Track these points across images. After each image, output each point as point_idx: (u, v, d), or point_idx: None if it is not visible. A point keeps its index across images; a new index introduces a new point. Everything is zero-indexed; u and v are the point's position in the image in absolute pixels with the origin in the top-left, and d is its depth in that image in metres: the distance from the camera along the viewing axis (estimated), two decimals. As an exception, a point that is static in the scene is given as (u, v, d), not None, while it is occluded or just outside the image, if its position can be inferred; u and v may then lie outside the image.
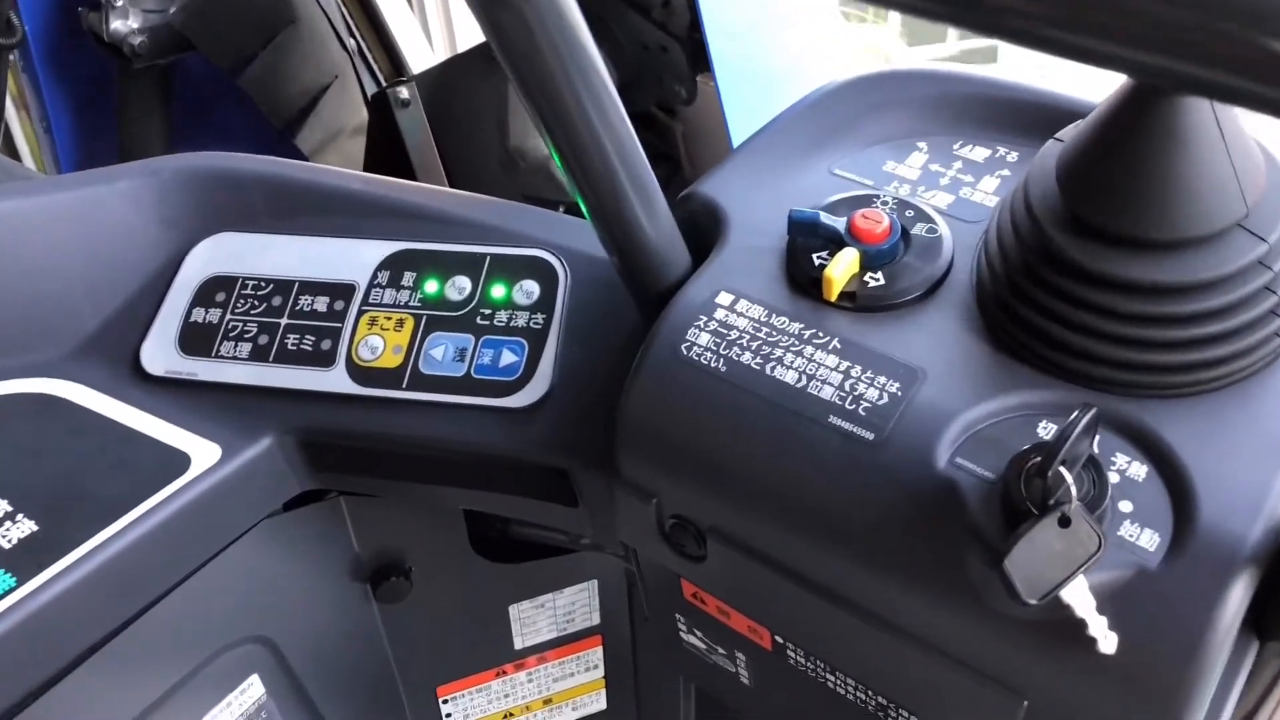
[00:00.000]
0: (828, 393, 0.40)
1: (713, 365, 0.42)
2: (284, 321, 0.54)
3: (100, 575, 0.46)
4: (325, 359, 0.52)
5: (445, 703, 0.70)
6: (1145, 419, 0.37)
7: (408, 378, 0.51)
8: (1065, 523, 0.34)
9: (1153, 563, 0.35)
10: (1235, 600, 0.34)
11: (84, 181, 0.57)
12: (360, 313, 0.53)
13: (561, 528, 0.58)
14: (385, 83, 1.05)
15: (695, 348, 0.42)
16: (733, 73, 0.76)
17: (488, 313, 0.52)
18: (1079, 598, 0.35)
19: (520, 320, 0.51)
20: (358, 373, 0.52)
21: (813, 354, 0.41)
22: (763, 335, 0.42)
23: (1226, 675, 0.35)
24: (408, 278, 0.54)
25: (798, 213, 0.43)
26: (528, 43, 0.35)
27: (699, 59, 0.83)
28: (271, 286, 0.55)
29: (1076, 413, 0.33)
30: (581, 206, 0.42)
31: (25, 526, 0.47)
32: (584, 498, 0.49)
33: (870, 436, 0.38)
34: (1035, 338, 0.39)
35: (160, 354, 0.54)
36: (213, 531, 0.51)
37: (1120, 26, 0.23)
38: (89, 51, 1.10)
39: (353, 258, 0.55)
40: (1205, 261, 0.36)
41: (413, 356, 0.51)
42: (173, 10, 1.05)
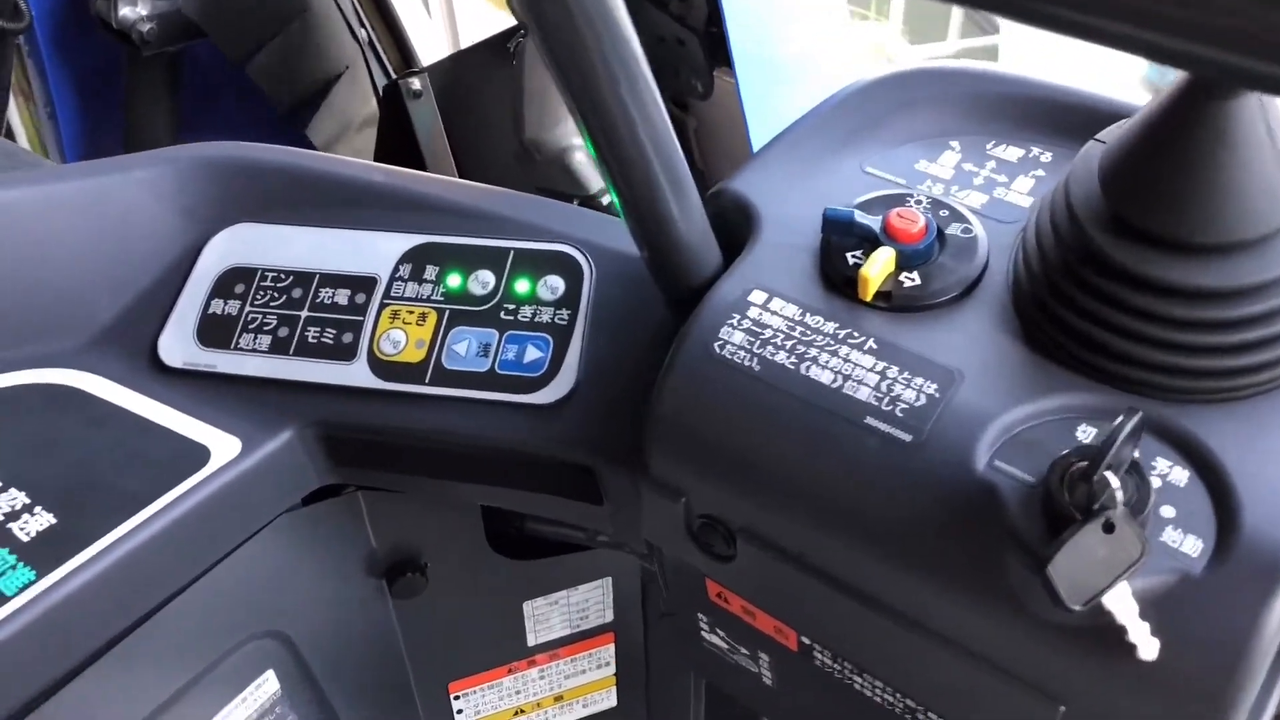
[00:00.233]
0: (864, 393, 0.39)
1: (746, 364, 0.41)
2: (304, 314, 0.53)
3: (119, 569, 0.46)
4: (346, 352, 0.52)
5: (457, 699, 0.70)
6: (1187, 424, 0.37)
7: (431, 372, 0.51)
8: (1109, 528, 0.33)
9: (1196, 569, 0.34)
10: (1279, 607, 0.33)
11: (101, 169, 0.57)
12: (382, 306, 0.53)
13: (583, 525, 0.57)
14: (396, 74, 1.04)
15: (728, 346, 0.42)
16: (753, 68, 0.75)
17: (512, 308, 0.51)
18: (1121, 603, 0.34)
19: (545, 316, 0.51)
20: (380, 367, 0.51)
21: (848, 354, 0.40)
22: (797, 334, 0.41)
23: (1268, 681, 0.35)
24: (430, 271, 0.53)
25: (832, 211, 0.42)
26: (569, 28, 0.34)
27: (716, 53, 0.82)
28: (291, 278, 0.54)
29: (1121, 417, 0.33)
30: (614, 199, 0.41)
31: (43, 519, 0.46)
32: (609, 495, 0.49)
33: (908, 438, 0.38)
34: (1075, 340, 0.38)
35: (178, 346, 0.54)
36: (232, 526, 0.50)
37: (1200, 20, 0.22)
38: (96, 38, 1.08)
39: (374, 250, 0.54)
40: (1251, 266, 0.36)
41: (436, 351, 0.51)
42: (182, -3, 1.04)
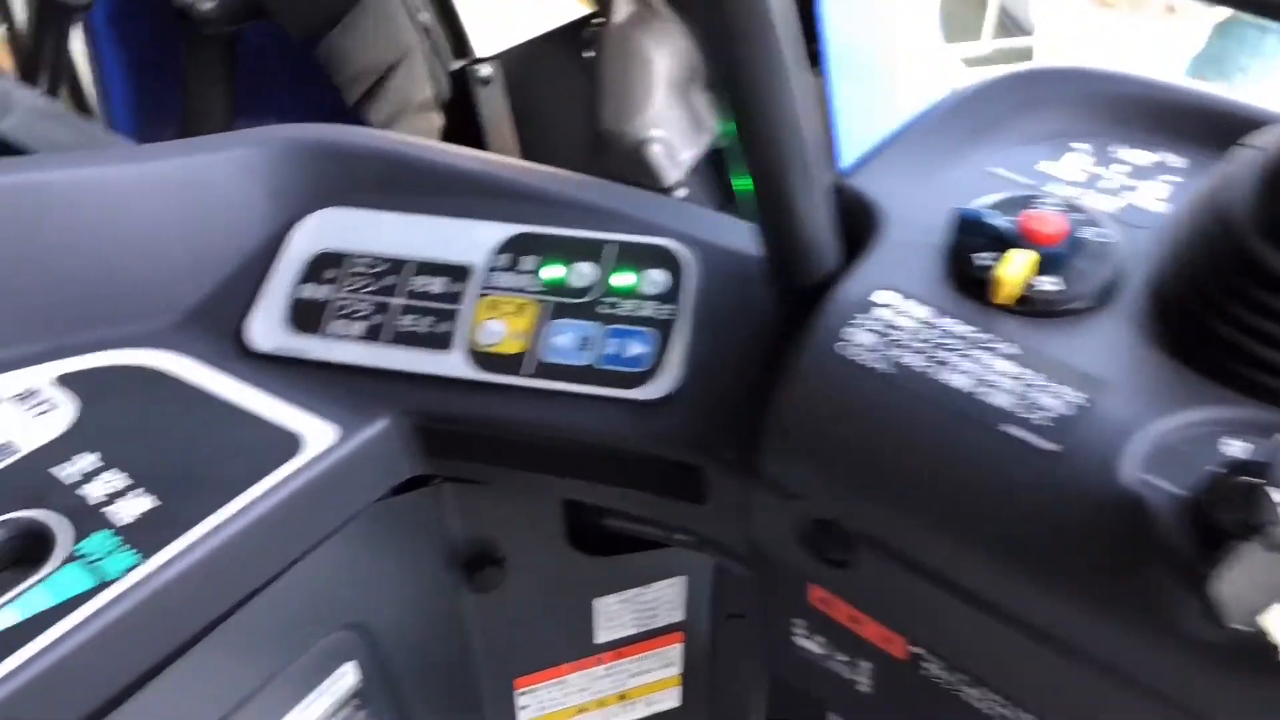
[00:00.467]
0: (1001, 400, 0.38)
1: (874, 365, 0.40)
2: (398, 301, 0.52)
3: (219, 555, 0.45)
4: (442, 341, 0.51)
5: (522, 695, 0.69)
6: None
7: (530, 365, 0.50)
8: (1274, 546, 0.32)
9: None
10: None
11: (191, 149, 0.56)
12: (479, 296, 0.52)
13: (678, 524, 0.56)
14: (453, 61, 1.03)
15: (852, 346, 0.41)
16: (848, 66, 0.74)
17: (614, 301, 0.50)
18: (1277, 623, 0.33)
19: (647, 310, 0.50)
20: (477, 357, 0.50)
21: (983, 358, 0.39)
22: (929, 337, 0.40)
23: None
24: (528, 262, 0.52)
25: (965, 210, 0.41)
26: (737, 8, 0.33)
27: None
28: (384, 264, 0.53)
29: None
30: (746, 187, 0.40)
31: (144, 502, 0.45)
32: (712, 495, 0.48)
33: (1049, 447, 0.37)
34: (1225, 352, 0.37)
35: (267, 330, 0.53)
36: (326, 514, 0.50)
37: None
38: (151, 17, 1.08)
39: (469, 239, 0.53)
40: None
41: (535, 343, 0.50)
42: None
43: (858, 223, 0.45)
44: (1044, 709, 0.41)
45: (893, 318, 0.41)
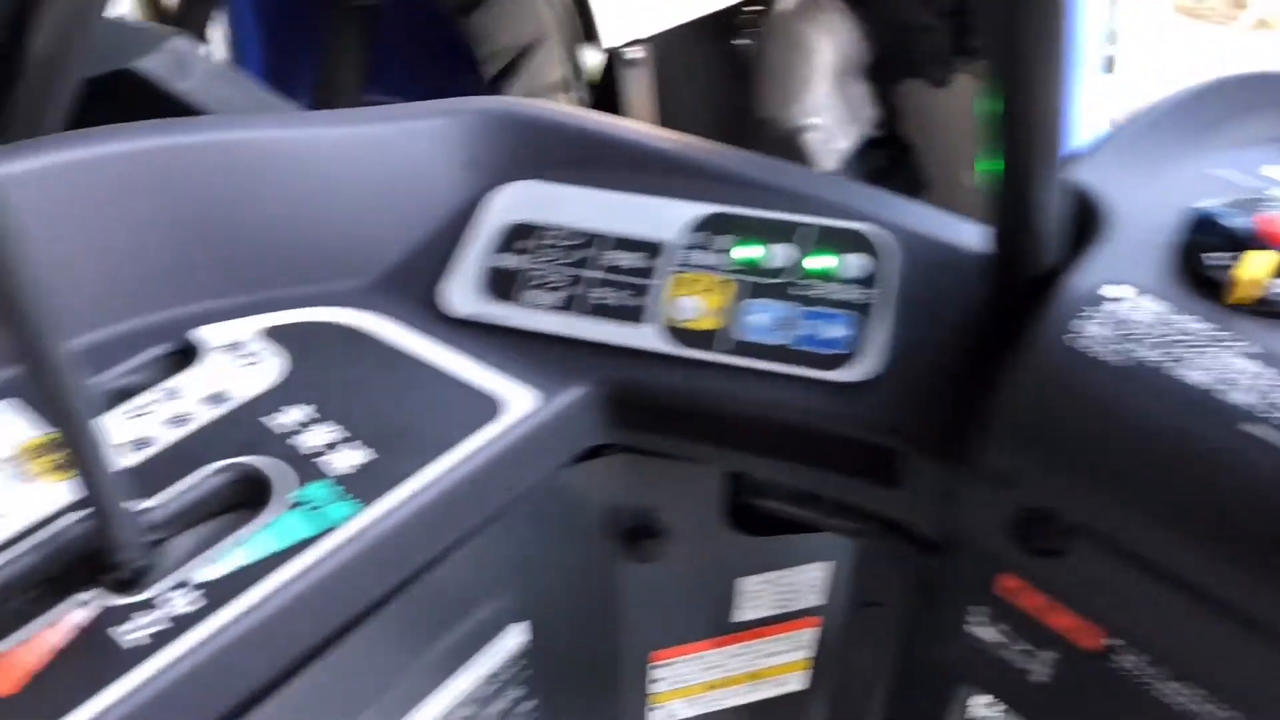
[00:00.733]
0: (1241, 398, 0.39)
1: (1106, 358, 0.41)
2: (592, 274, 0.53)
3: (428, 510, 0.46)
4: (636, 315, 0.52)
5: (655, 668, 0.70)
6: None
7: (725, 341, 0.50)
8: None
9: None
10: None
11: (392, 115, 0.57)
12: (673, 272, 0.53)
13: (857, 507, 0.57)
14: (583, 45, 1.04)
15: (1082, 338, 0.41)
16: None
17: (811, 283, 0.51)
18: None
19: (847, 294, 0.50)
20: (672, 332, 0.51)
21: (1223, 356, 0.40)
22: (1162, 333, 0.41)
23: None
24: (723, 241, 0.53)
25: (1202, 209, 0.42)
26: None
27: (960, 43, 0.81)
28: (578, 238, 0.55)
29: None
30: (990, 171, 0.41)
31: (361, 454, 0.47)
32: (907, 479, 0.48)
33: None
34: None
35: (463, 297, 0.54)
36: (520, 477, 0.51)
37: None
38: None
39: (662, 216, 0.54)
40: None
41: (731, 321, 0.51)
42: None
43: (1079, 217, 0.46)
44: (1255, 706, 0.41)
45: (1126, 312, 0.41)
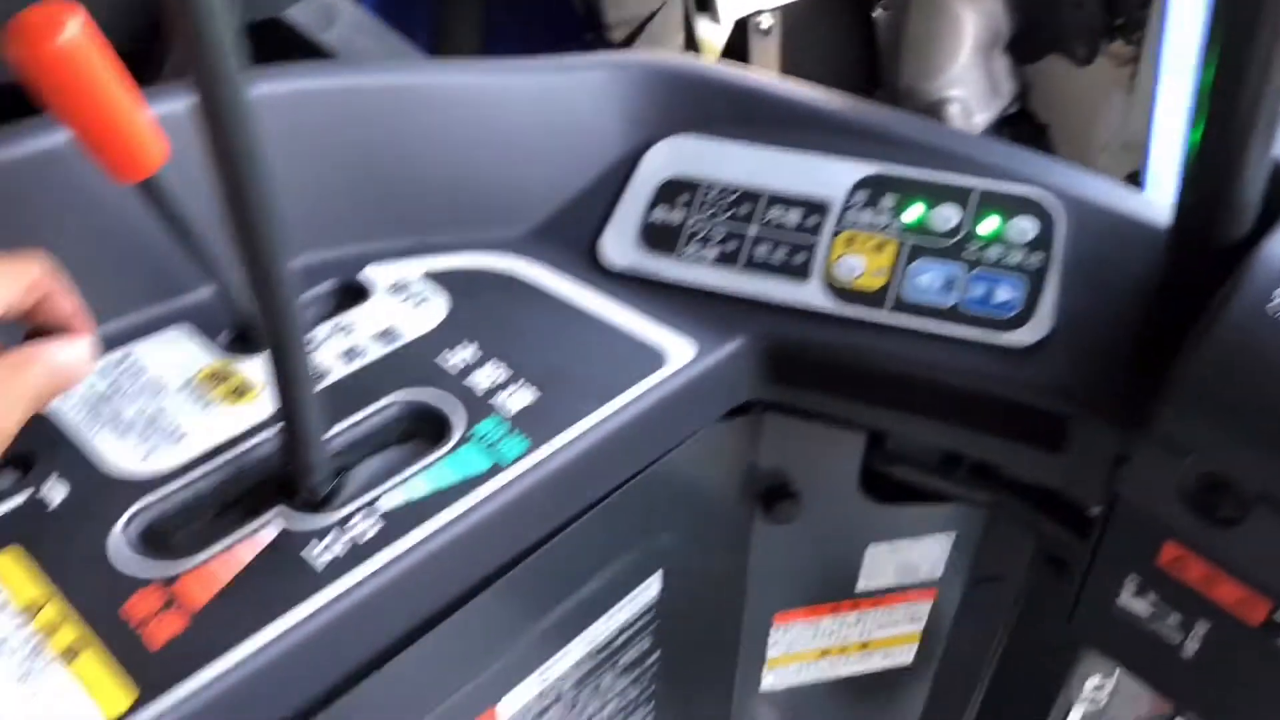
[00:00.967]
0: None
1: (1308, 327, 0.40)
2: (752, 230, 0.54)
3: (594, 453, 0.47)
4: (798, 272, 0.52)
5: (775, 630, 0.71)
6: None
7: (891, 301, 0.50)
8: None
9: None
10: None
11: (556, 67, 0.58)
12: (836, 231, 0.53)
13: (1014, 473, 0.56)
14: (696, 13, 1.04)
15: (1282, 307, 0.41)
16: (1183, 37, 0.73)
17: (978, 246, 0.51)
18: None
19: (1015, 258, 0.50)
20: (836, 290, 0.51)
21: None
22: (1368, 302, 0.40)
23: None
24: (888, 200, 0.53)
25: None
26: None
27: (1109, 19, 0.80)
28: (738, 194, 0.55)
29: None
30: (1191, 140, 0.40)
31: (527, 394, 0.48)
32: (1073, 445, 0.48)
33: None
34: None
35: (621, 249, 0.55)
36: (677, 427, 0.51)
37: None
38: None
39: (824, 174, 0.54)
40: None
41: (896, 281, 0.51)
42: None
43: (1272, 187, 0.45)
44: None
45: None
